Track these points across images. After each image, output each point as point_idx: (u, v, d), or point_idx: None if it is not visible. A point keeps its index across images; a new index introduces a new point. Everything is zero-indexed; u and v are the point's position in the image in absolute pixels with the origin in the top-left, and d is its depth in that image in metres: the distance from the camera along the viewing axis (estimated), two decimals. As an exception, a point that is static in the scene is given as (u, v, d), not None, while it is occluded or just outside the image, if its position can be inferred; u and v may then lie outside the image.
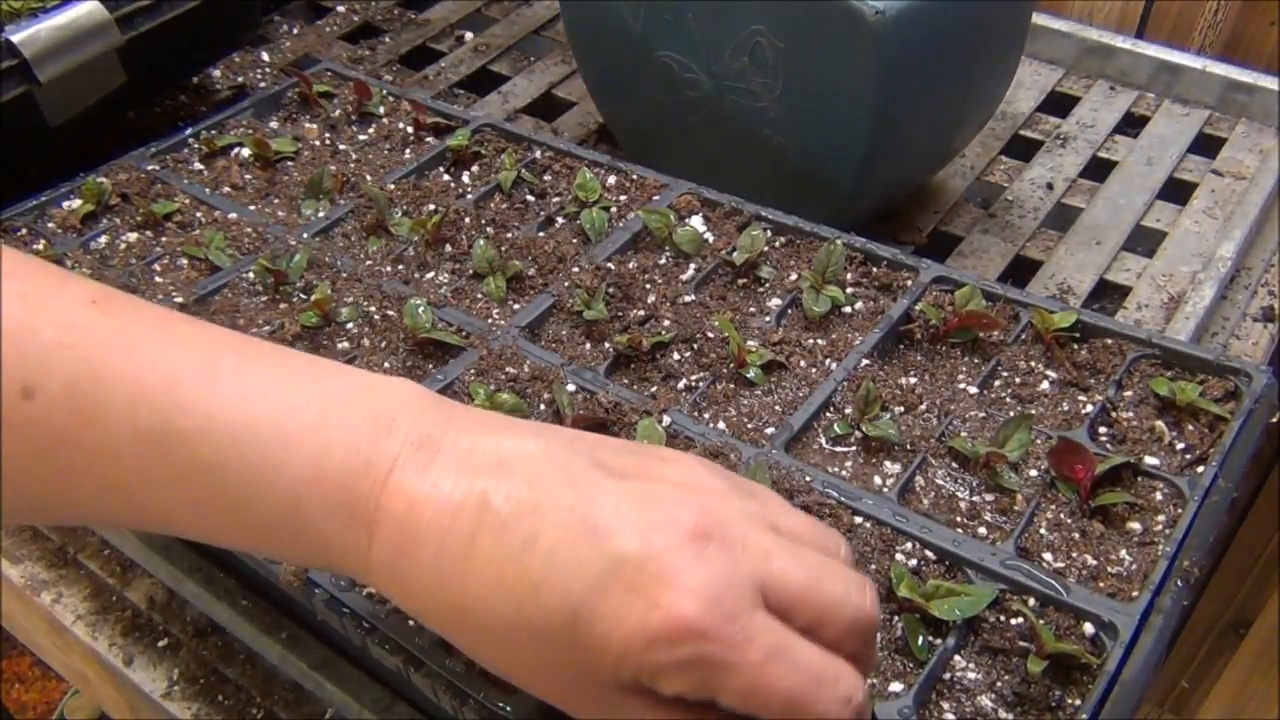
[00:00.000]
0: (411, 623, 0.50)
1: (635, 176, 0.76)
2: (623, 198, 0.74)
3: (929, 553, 0.52)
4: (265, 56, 1.05)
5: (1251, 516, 1.24)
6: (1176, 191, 0.91)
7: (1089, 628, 0.48)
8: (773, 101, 0.76)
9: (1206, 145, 0.95)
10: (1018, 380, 0.61)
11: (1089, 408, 0.58)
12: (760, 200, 0.73)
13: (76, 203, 0.77)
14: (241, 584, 0.65)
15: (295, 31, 1.11)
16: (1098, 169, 0.93)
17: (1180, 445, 0.56)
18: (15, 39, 0.74)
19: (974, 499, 0.55)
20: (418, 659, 0.48)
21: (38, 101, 0.77)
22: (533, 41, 1.10)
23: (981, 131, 0.90)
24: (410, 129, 0.83)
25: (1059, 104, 1.00)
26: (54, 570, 0.71)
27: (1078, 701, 0.46)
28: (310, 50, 1.07)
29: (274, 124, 0.85)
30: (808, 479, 0.55)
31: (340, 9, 1.14)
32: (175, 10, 0.83)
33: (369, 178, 0.78)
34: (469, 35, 1.10)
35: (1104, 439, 0.57)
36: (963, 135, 0.84)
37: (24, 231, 0.75)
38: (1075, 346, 0.62)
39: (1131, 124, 0.98)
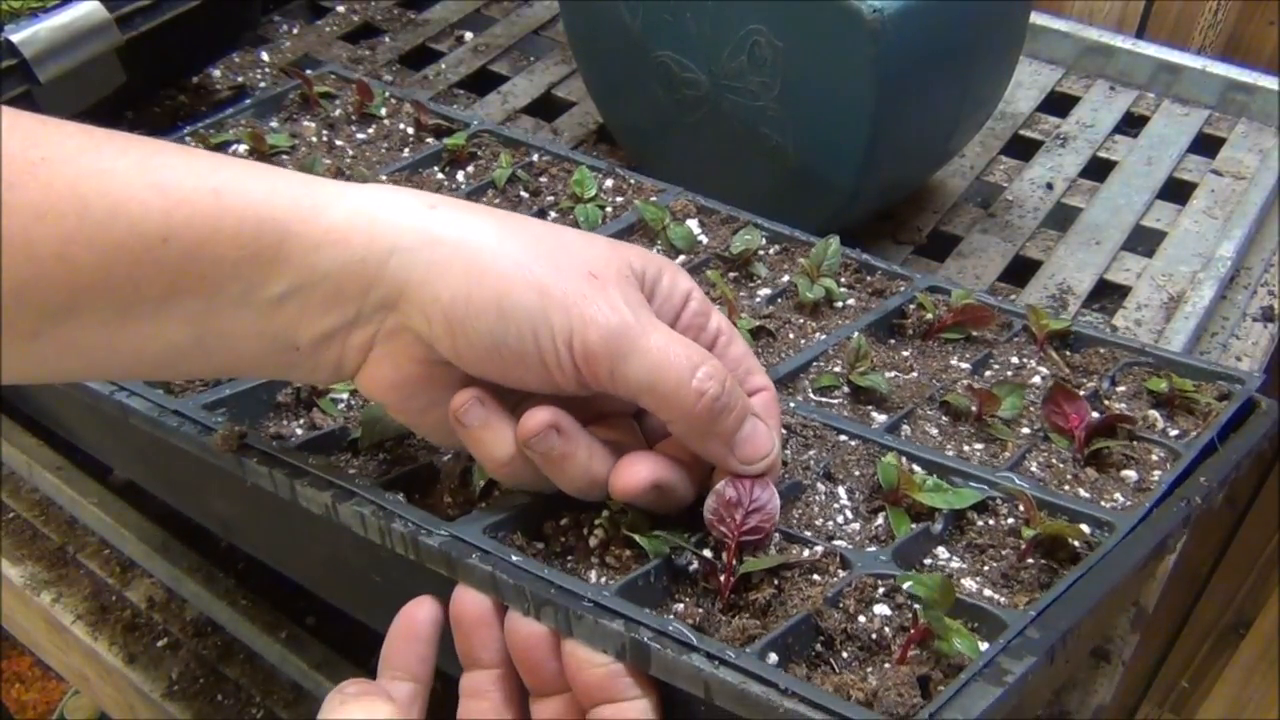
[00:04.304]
0: (340, 465, 0.49)
1: (632, 181, 0.75)
2: (619, 199, 0.74)
3: (917, 467, 0.50)
4: (265, 56, 1.05)
5: (1251, 516, 1.25)
6: (1176, 191, 0.91)
7: (1085, 528, 0.47)
8: (771, 101, 0.76)
9: (1206, 145, 0.95)
10: (1009, 373, 0.60)
11: (1082, 395, 0.58)
12: (759, 200, 0.73)
13: (76, 202, 0.77)
14: (241, 584, 0.65)
15: (295, 31, 1.11)
16: (1098, 169, 0.93)
17: (1174, 432, 0.55)
18: (15, 39, 0.74)
19: (964, 447, 0.53)
20: (348, 490, 0.47)
21: (38, 101, 0.77)
22: (533, 41, 1.10)
23: (981, 131, 0.90)
24: (411, 130, 0.83)
25: (1059, 104, 1.00)
26: (54, 570, 0.71)
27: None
28: (310, 50, 1.07)
29: (274, 124, 0.85)
30: (791, 405, 0.54)
31: (340, 9, 1.14)
32: (175, 10, 0.82)
33: (365, 171, 0.77)
34: (469, 35, 1.10)
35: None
36: (961, 135, 0.84)
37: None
38: (1069, 352, 0.61)
39: (1131, 124, 0.98)
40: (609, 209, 0.73)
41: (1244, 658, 1.38)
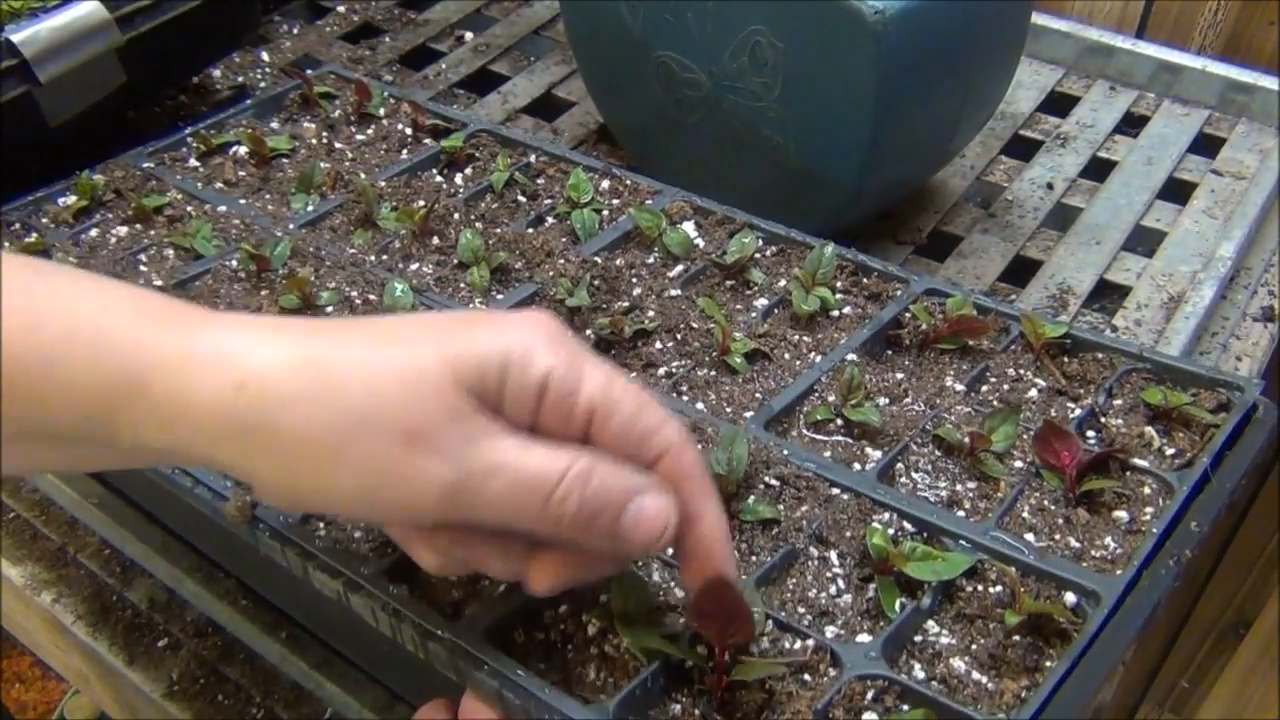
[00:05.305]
0: (354, 548, 0.50)
1: (629, 182, 0.75)
2: (615, 201, 0.74)
3: (907, 524, 0.51)
4: (265, 56, 1.06)
5: (1251, 516, 1.25)
6: (1176, 191, 0.91)
7: (1071, 597, 0.47)
8: (772, 101, 0.76)
9: (1206, 145, 0.95)
10: (1005, 387, 0.60)
11: (1077, 413, 0.58)
12: (760, 200, 0.73)
13: (71, 198, 0.77)
14: (241, 584, 0.65)
15: (295, 31, 1.11)
16: (1098, 169, 0.93)
17: (1170, 451, 0.55)
18: (15, 39, 0.74)
19: (956, 487, 0.54)
20: (356, 582, 0.48)
21: (38, 101, 0.77)
22: (533, 41, 1.10)
23: (981, 131, 0.90)
24: (409, 130, 0.83)
25: (1059, 104, 1.00)
26: (54, 570, 0.71)
27: (1053, 665, 0.45)
28: (310, 50, 1.07)
29: (274, 124, 0.85)
30: (785, 453, 0.54)
31: (340, 9, 1.14)
32: (175, 10, 0.83)
33: (363, 175, 0.78)
34: (469, 35, 1.10)
35: (1091, 444, 0.56)
36: (962, 135, 0.84)
37: (17, 226, 0.75)
38: (1065, 359, 0.61)
39: (1131, 124, 0.98)
40: (605, 212, 0.73)
41: (1244, 658, 1.38)
